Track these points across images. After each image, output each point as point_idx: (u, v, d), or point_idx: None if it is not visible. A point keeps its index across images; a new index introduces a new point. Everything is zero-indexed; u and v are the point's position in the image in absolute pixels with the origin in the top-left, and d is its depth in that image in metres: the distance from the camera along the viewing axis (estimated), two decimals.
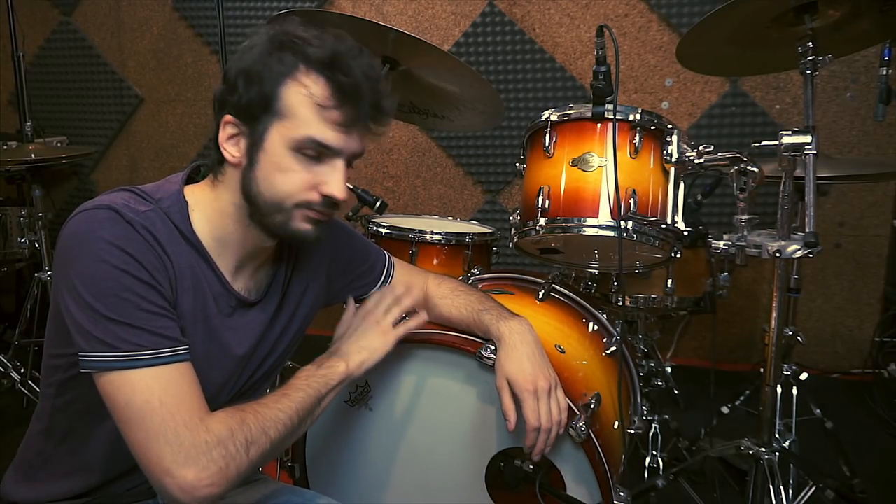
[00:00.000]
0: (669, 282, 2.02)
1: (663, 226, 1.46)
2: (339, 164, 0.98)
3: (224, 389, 1.08)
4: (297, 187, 0.98)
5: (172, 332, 0.92)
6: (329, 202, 0.99)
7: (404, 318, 1.25)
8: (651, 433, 2.04)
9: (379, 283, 1.34)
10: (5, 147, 2.63)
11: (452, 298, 1.32)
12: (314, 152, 0.97)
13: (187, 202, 1.01)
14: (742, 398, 2.21)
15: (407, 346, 1.30)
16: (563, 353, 1.39)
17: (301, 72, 0.96)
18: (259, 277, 1.11)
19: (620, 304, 2.06)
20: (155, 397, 0.86)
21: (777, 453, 1.50)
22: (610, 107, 1.43)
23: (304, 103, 0.96)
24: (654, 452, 2.00)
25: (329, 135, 0.96)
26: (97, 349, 0.87)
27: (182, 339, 0.93)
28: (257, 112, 0.97)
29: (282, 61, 0.96)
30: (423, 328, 1.30)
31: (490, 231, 2.04)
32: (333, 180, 0.98)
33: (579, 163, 1.46)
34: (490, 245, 2.01)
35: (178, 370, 0.90)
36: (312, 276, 1.21)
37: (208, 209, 1.02)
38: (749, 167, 1.37)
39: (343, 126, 0.96)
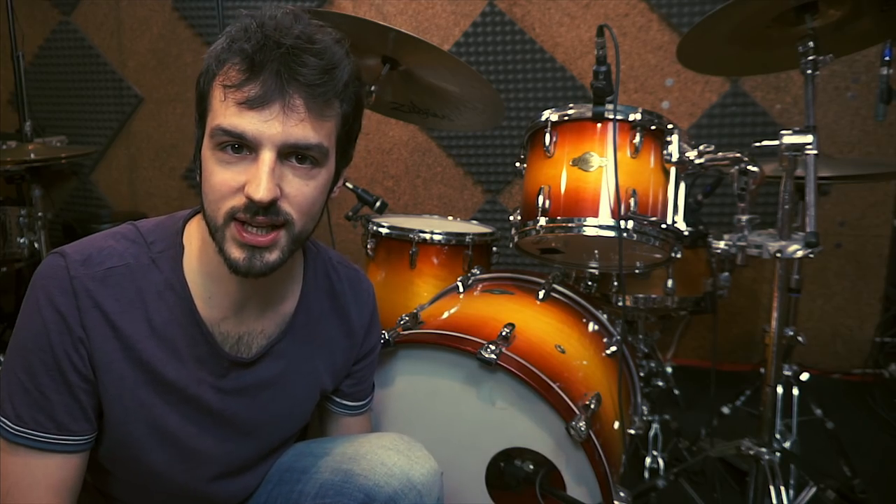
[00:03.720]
0: (670, 282, 2.02)
1: (663, 226, 1.46)
2: (265, 158, 0.81)
3: (216, 456, 1.00)
4: (219, 192, 0.83)
5: (63, 416, 0.85)
6: (253, 207, 0.82)
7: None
8: (651, 433, 2.03)
9: (357, 403, 1.20)
10: (5, 147, 2.63)
11: None
12: (233, 146, 0.82)
13: (183, 247, 0.94)
14: (742, 398, 2.21)
15: (406, 346, 1.30)
16: (564, 353, 1.39)
17: (223, 60, 0.84)
18: (253, 324, 0.99)
19: (620, 304, 2.06)
20: (7, 482, 0.82)
21: (778, 453, 1.50)
22: (610, 106, 1.43)
23: (217, 90, 0.84)
24: (655, 453, 2.00)
25: (235, 119, 0.80)
26: None
27: (71, 428, 0.86)
28: (199, 119, 0.89)
29: (212, 55, 0.86)
30: (422, 328, 1.29)
31: (490, 231, 2.04)
32: (254, 177, 0.80)
33: (579, 163, 1.46)
34: (490, 245, 2.01)
35: (51, 463, 0.85)
36: (329, 346, 1.10)
37: (200, 241, 0.94)
38: (750, 167, 1.37)
39: (251, 105, 0.80)
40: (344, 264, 1.15)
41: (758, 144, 1.37)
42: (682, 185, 1.49)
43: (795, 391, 1.95)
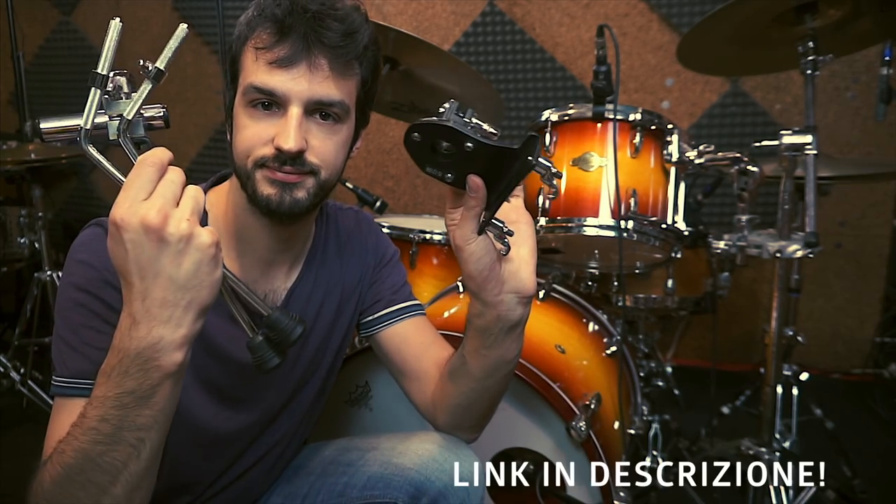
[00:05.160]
0: (670, 282, 2.02)
1: (663, 226, 1.46)
2: (293, 112, 0.88)
3: (255, 406, 1.04)
4: (250, 143, 0.90)
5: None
6: (282, 157, 0.89)
7: None
8: (651, 433, 2.03)
9: (402, 305, 1.15)
10: (5, 147, 2.63)
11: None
12: (263, 103, 0.89)
13: (206, 212, 0.98)
14: (742, 398, 2.21)
15: None
16: (564, 353, 1.39)
17: (254, 25, 0.91)
18: (279, 282, 1.05)
19: (621, 304, 2.06)
20: (59, 431, 0.77)
21: (777, 453, 1.50)
22: (610, 106, 1.43)
23: (249, 52, 0.91)
24: (655, 452, 2.00)
25: (266, 77, 0.88)
26: (53, 374, 0.87)
27: None
28: (231, 80, 0.95)
29: (243, 23, 0.92)
30: None
31: None
32: (283, 130, 0.88)
33: (580, 163, 1.46)
34: None
35: None
36: (349, 281, 1.13)
37: (225, 205, 1.00)
38: (749, 167, 1.37)
39: (280, 64, 0.87)
40: (338, 205, 1.20)
41: (757, 144, 1.37)
42: (682, 185, 1.49)
43: (795, 391, 1.95)
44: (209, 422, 1.00)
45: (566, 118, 1.49)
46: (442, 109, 0.76)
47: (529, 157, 0.73)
